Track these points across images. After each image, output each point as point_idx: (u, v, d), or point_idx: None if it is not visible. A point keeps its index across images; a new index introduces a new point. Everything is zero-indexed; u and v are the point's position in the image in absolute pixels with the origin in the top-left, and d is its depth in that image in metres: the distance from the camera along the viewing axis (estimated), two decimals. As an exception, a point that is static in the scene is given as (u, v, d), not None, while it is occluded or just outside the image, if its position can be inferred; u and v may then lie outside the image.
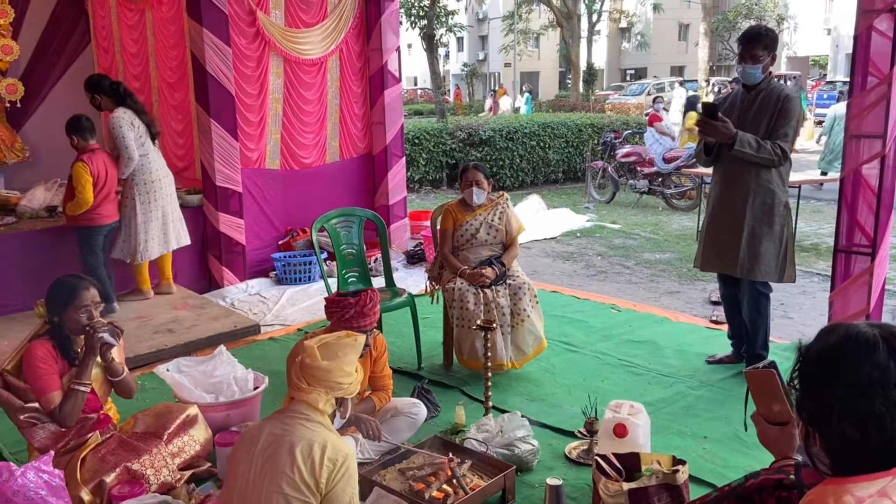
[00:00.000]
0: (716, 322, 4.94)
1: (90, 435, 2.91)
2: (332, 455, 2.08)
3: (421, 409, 3.34)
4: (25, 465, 2.55)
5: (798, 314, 5.31)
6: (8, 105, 6.28)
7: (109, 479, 2.74)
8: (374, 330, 3.13)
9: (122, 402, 3.28)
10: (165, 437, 2.97)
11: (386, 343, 3.34)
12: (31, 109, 6.73)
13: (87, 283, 2.84)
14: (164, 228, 5.18)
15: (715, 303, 5.40)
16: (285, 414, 2.20)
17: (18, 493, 2.46)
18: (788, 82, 21.07)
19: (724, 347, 4.30)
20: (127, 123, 4.85)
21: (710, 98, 14.49)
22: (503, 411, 3.50)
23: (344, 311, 3.01)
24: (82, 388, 2.79)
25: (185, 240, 5.39)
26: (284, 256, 6.09)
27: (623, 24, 41.16)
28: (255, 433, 2.19)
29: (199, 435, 3.11)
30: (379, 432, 2.90)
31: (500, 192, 4.34)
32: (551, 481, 2.60)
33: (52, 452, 2.72)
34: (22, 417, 2.77)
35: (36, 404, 2.77)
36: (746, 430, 1.95)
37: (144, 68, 6.76)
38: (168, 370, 3.59)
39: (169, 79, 6.36)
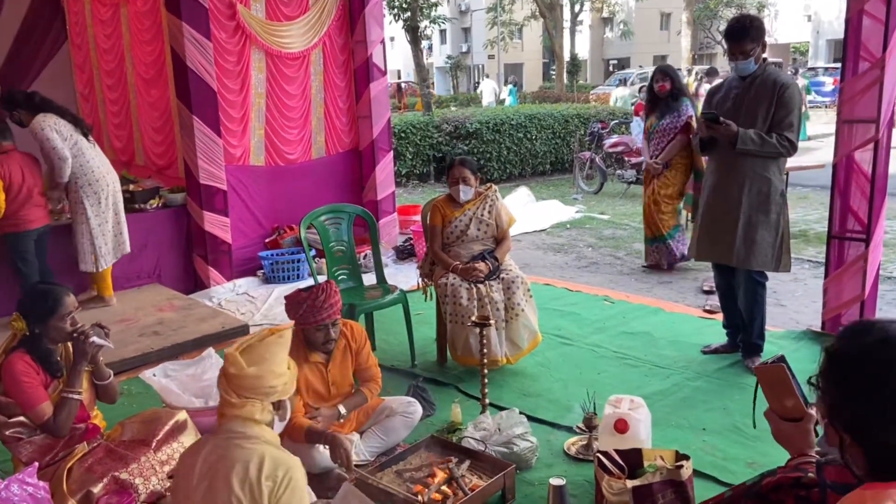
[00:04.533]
0: (709, 311, 4.91)
1: (78, 446, 2.82)
2: (270, 472, 1.91)
3: (416, 409, 3.28)
4: (9, 478, 2.45)
5: (791, 302, 5.29)
6: (-10, 99, 6.12)
7: (97, 489, 2.65)
8: (339, 321, 3.04)
9: (107, 409, 3.19)
10: (154, 444, 2.88)
11: (365, 333, 3.27)
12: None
13: (65, 290, 2.74)
14: (118, 228, 5.03)
15: (707, 292, 5.37)
16: (219, 434, 2.02)
17: (1, 508, 2.38)
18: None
19: (719, 337, 4.26)
20: (49, 126, 4.62)
21: (693, 86, 14.48)
22: (500, 408, 3.44)
23: (298, 307, 2.95)
24: (75, 396, 2.71)
25: (128, 247, 5.17)
26: (272, 255, 5.99)
27: (606, 14, 41.14)
28: (190, 462, 2.02)
29: (189, 441, 3.01)
30: (349, 462, 2.78)
31: (489, 185, 4.26)
32: (554, 481, 2.54)
33: (37, 464, 2.63)
34: (7, 433, 2.68)
35: (20, 418, 2.67)
36: (755, 426, 1.89)
37: (119, 64, 6.60)
38: (154, 375, 3.50)
39: (145, 75, 6.22)
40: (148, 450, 2.83)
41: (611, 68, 41.78)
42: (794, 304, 5.23)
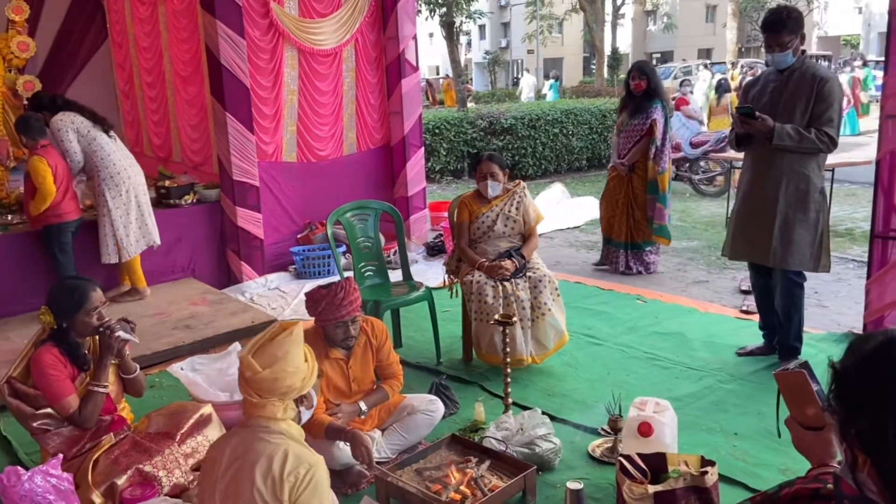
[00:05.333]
0: (746, 312, 4.77)
1: (104, 437, 2.87)
2: (292, 467, 1.93)
3: (438, 407, 3.25)
4: (33, 469, 2.50)
5: (833, 303, 5.11)
6: (26, 102, 6.27)
7: (121, 481, 2.68)
8: (359, 318, 3.04)
9: (135, 402, 3.24)
10: (178, 437, 2.91)
11: (387, 329, 3.25)
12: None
13: (92, 285, 2.79)
14: (141, 220, 5.10)
15: (745, 292, 5.22)
16: (246, 427, 2.05)
17: (25, 498, 2.42)
18: (823, 63, 20.49)
19: (755, 338, 4.14)
20: (65, 126, 4.80)
21: (737, 80, 14.16)
22: (524, 408, 3.40)
23: (317, 304, 2.95)
24: (101, 389, 2.76)
25: (158, 239, 5.26)
26: (303, 250, 6.03)
27: (648, 7, 40.46)
28: (217, 452, 2.06)
29: (213, 435, 3.04)
30: (370, 459, 2.77)
31: (517, 181, 4.20)
32: (572, 485, 2.49)
33: (61, 456, 2.68)
34: (34, 424, 2.73)
35: (47, 410, 2.72)
36: (780, 436, 1.81)
37: (157, 62, 6.72)
38: (182, 369, 3.54)
39: (182, 72, 6.31)
40: (172, 443, 2.86)
41: (654, 62, 41.13)
42: (837, 306, 5.05)
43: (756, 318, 4.23)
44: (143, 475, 2.73)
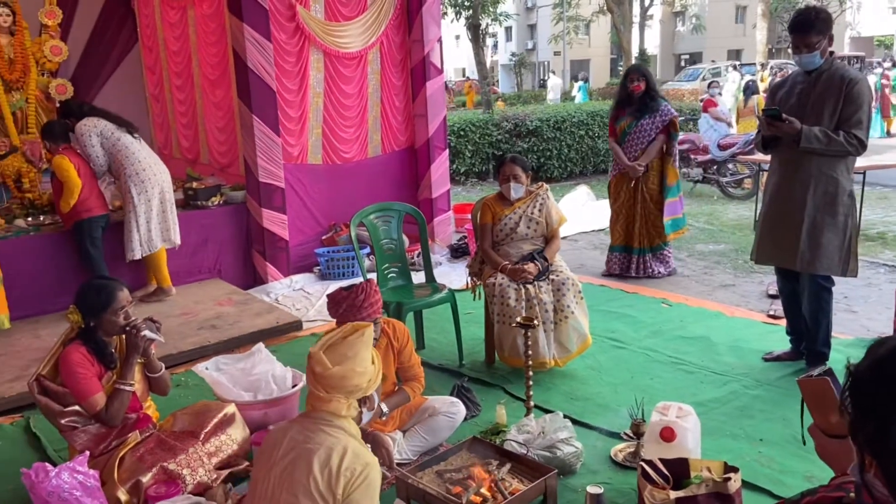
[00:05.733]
0: (773, 316, 4.70)
1: (130, 435, 2.91)
2: (350, 463, 1.99)
3: (460, 409, 3.25)
4: (60, 466, 2.55)
5: (863, 307, 5.01)
6: (58, 105, 6.41)
7: (146, 478, 2.72)
8: (380, 320, 3.05)
9: (161, 401, 3.29)
10: (202, 436, 2.95)
11: (408, 331, 3.26)
12: (81, 110, 6.84)
13: (118, 285, 2.84)
14: (163, 216, 5.19)
15: (773, 296, 5.13)
16: (308, 418, 2.12)
17: (53, 494, 2.47)
18: (855, 64, 20.10)
19: (782, 343, 4.07)
20: (88, 131, 4.97)
21: (767, 81, 13.97)
22: (546, 411, 3.38)
23: (338, 306, 2.97)
24: (127, 388, 2.81)
25: (178, 239, 5.35)
26: (328, 251, 6.07)
27: (677, 8, 40.07)
28: (277, 437, 2.12)
29: (237, 434, 3.08)
30: (391, 461, 2.78)
31: (540, 184, 4.19)
32: (591, 489, 2.48)
33: (88, 453, 2.73)
34: (62, 422, 2.79)
35: (75, 408, 2.77)
36: (804, 443, 1.78)
37: (186, 66, 6.81)
38: (207, 368, 3.58)
39: (210, 76, 6.39)
40: (196, 441, 2.90)
41: (682, 63, 40.72)
42: (867, 311, 4.95)
43: (783, 322, 4.17)
44: (168, 473, 2.77)
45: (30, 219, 5.42)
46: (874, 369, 1.19)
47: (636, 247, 5.84)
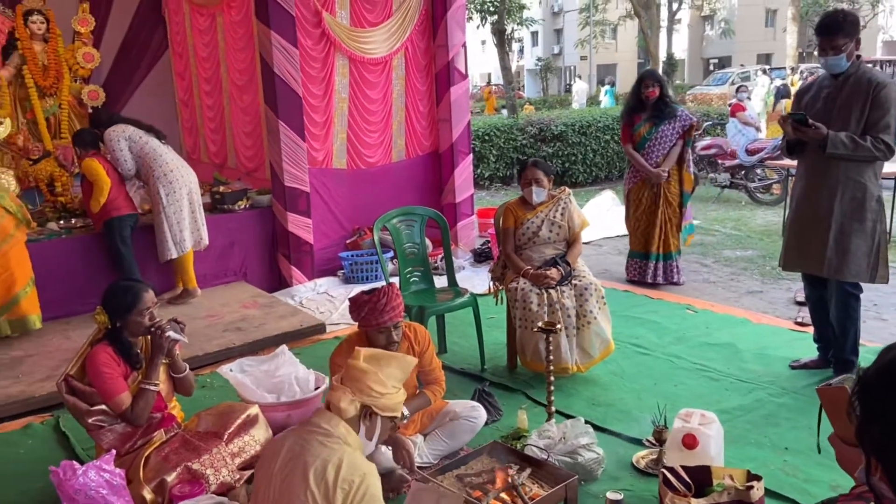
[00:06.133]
0: (801, 324, 4.63)
1: (155, 434, 2.96)
2: (346, 475, 1.95)
3: (480, 413, 3.25)
4: (87, 464, 2.60)
5: (893, 315, 4.92)
6: (90, 111, 6.54)
7: (170, 478, 2.76)
8: (401, 324, 3.07)
9: (186, 402, 3.34)
10: (226, 436, 2.98)
11: (429, 335, 3.27)
12: (112, 115, 6.98)
13: (144, 286, 2.89)
14: (192, 217, 5.29)
15: (800, 303, 5.06)
16: (305, 428, 2.11)
17: (80, 492, 2.52)
18: (887, 69, 19.72)
19: (810, 351, 4.01)
20: (117, 136, 5.09)
21: (797, 86, 13.76)
22: (568, 416, 3.37)
23: (360, 309, 2.99)
24: (152, 388, 2.85)
25: (206, 239, 5.45)
26: (352, 255, 6.11)
27: (706, 12, 39.67)
28: (275, 448, 2.12)
29: (260, 435, 3.11)
30: (412, 463, 2.77)
31: (562, 188, 4.19)
32: (611, 495, 2.46)
33: (114, 451, 2.78)
34: (89, 421, 2.84)
35: (102, 407, 2.83)
36: (820, 452, 1.76)
37: (215, 71, 6.92)
38: (231, 370, 3.62)
39: (238, 81, 6.48)
40: (220, 442, 2.93)
41: (711, 67, 40.29)
42: (898, 319, 4.86)
43: (811, 330, 4.10)
44: (192, 473, 2.80)
45: (61, 222, 5.54)
46: (882, 374, 1.19)
47: (654, 252, 5.78)
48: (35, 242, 5.01)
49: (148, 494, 2.73)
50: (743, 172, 9.54)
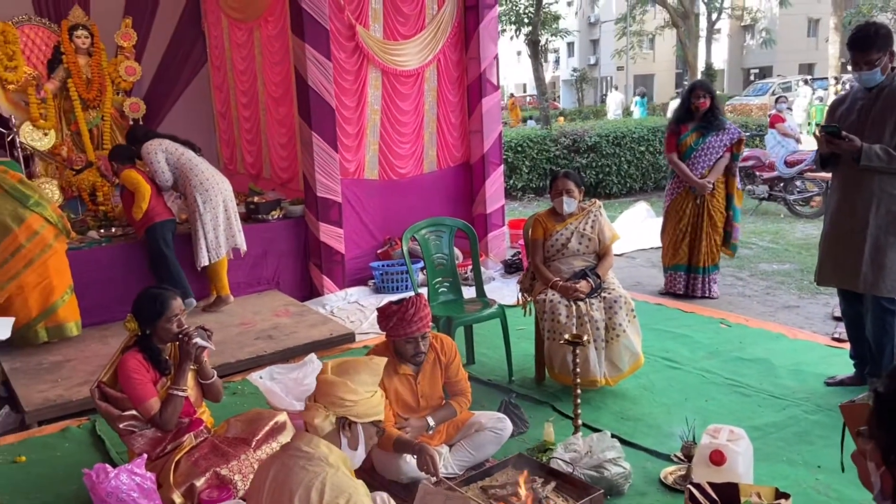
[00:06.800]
0: (838, 339, 4.52)
1: (185, 438, 3.02)
2: (331, 498, 1.91)
3: (506, 425, 3.24)
4: (119, 468, 2.67)
5: (936, 332, 4.77)
6: (131, 122, 6.73)
7: (199, 482, 2.81)
8: (429, 334, 3.08)
9: (217, 408, 3.40)
10: (254, 443, 3.02)
11: (456, 346, 3.28)
12: (152, 127, 7.12)
13: (172, 294, 2.96)
14: (228, 223, 5.40)
15: (838, 318, 4.94)
16: (287, 453, 2.08)
17: (112, 495, 2.58)
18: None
19: (846, 368, 3.92)
20: (154, 149, 5.24)
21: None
22: (595, 430, 3.34)
23: (388, 319, 3.01)
24: (180, 393, 2.91)
25: (244, 244, 5.55)
26: (383, 265, 6.16)
27: (746, 22, 39.14)
28: (262, 478, 2.10)
29: (287, 441, 3.15)
30: (436, 469, 2.76)
31: (593, 200, 4.17)
32: (635, 511, 2.43)
33: (146, 455, 2.85)
34: (121, 426, 2.91)
35: (132, 412, 2.90)
36: (844, 470, 1.73)
37: (252, 84, 7.05)
38: (261, 377, 3.67)
39: (274, 94, 6.60)
40: (248, 448, 2.97)
41: (751, 77, 39.69)
42: (941, 336, 4.71)
43: (848, 346, 4.01)
44: (220, 478, 2.85)
45: (102, 230, 5.70)
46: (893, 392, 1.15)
47: (700, 265, 5.69)
48: (76, 250, 5.16)
49: (178, 499, 2.78)
50: (782, 184, 9.37)
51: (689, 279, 5.74)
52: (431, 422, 3.10)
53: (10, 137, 5.95)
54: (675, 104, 17.50)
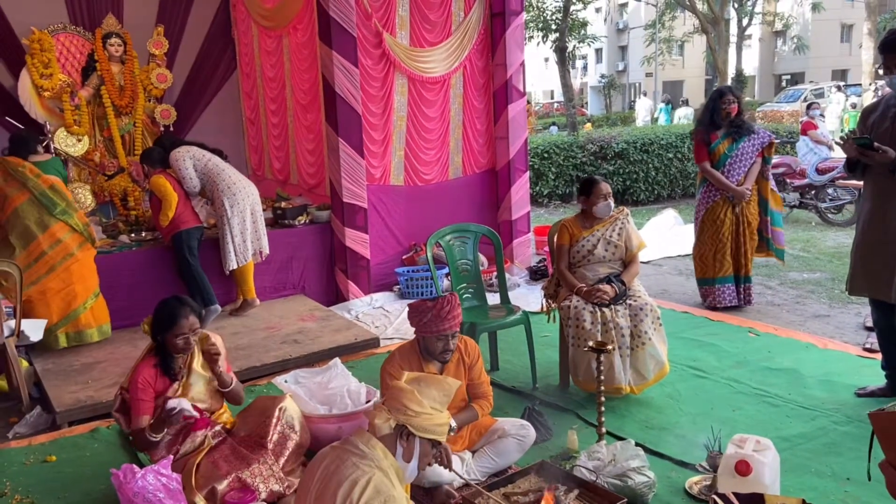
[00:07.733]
0: (870, 350, 4.43)
1: (200, 435, 3.05)
2: (369, 498, 1.99)
3: (529, 432, 3.23)
4: (146, 468, 2.71)
5: (973, 344, 4.65)
6: (162, 129, 6.85)
7: (221, 486, 2.84)
8: (458, 334, 3.10)
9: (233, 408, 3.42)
10: (270, 445, 3.05)
11: (479, 349, 3.29)
12: (182, 133, 7.27)
13: (187, 310, 2.98)
14: (255, 227, 5.46)
15: (870, 328, 4.84)
16: (344, 447, 2.17)
17: (138, 495, 2.62)
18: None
19: (878, 378, 3.84)
20: (182, 156, 5.33)
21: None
22: (619, 438, 3.31)
23: (422, 316, 3.02)
24: (153, 438, 2.94)
25: (267, 247, 5.59)
26: (408, 271, 6.18)
27: (777, 27, 38.63)
28: (315, 465, 2.19)
29: (295, 434, 3.16)
30: (450, 460, 2.72)
31: (620, 207, 4.14)
32: (659, 520, 2.41)
33: (171, 456, 2.89)
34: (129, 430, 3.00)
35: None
36: (870, 479, 1.69)
37: (281, 91, 7.14)
38: (286, 381, 3.71)
39: (302, 100, 6.67)
40: (266, 452, 3.00)
41: (783, 84, 39.14)
42: (978, 347, 4.59)
43: (880, 356, 3.93)
44: (242, 482, 2.88)
45: (132, 234, 5.80)
46: None
47: (744, 275, 5.55)
48: (107, 254, 5.26)
49: (200, 501, 2.81)
50: (813, 192, 9.22)
51: (741, 290, 5.56)
52: (454, 423, 3.09)
53: (46, 143, 6.08)
54: (687, 111, 17.23)
